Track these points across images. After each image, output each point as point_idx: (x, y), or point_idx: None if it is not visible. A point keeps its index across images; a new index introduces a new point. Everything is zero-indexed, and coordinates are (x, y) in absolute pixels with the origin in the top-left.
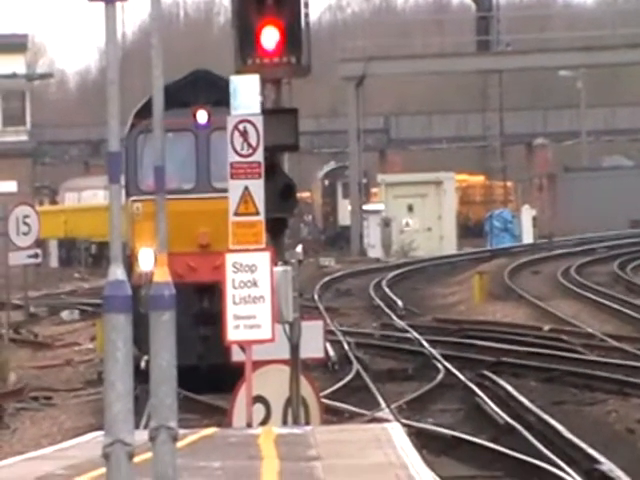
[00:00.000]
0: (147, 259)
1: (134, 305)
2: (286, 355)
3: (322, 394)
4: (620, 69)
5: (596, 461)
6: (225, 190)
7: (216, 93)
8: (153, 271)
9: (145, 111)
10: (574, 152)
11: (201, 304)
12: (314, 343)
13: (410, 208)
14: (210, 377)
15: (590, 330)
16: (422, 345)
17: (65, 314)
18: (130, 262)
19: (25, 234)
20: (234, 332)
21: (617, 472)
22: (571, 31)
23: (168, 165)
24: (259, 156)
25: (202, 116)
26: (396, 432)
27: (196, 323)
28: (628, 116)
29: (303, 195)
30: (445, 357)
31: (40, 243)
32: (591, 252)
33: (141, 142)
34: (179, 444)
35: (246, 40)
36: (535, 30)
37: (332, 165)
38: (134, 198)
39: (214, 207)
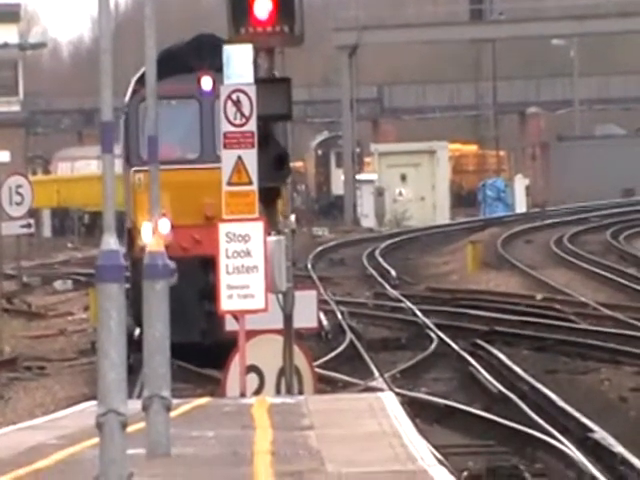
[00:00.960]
0: (149, 231)
1: (136, 278)
2: (279, 325)
3: (316, 364)
4: (613, 38)
5: (589, 429)
6: None
7: (221, 58)
8: None
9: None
10: (567, 121)
11: (206, 278)
12: (307, 313)
13: (403, 178)
14: (214, 354)
15: (583, 299)
16: (415, 314)
17: (58, 284)
18: (132, 235)
19: (18, 204)
20: (227, 302)
21: (610, 440)
22: (564, 0)
23: (171, 134)
24: (252, 126)
25: (207, 82)
26: (389, 401)
27: (201, 298)
28: (621, 85)
29: (296, 165)
30: (438, 326)
31: (33, 213)
32: (584, 221)
33: (143, 110)
34: (172, 413)
35: (239, 9)
36: None
37: (325, 135)
38: (136, 168)
39: (220, 177)
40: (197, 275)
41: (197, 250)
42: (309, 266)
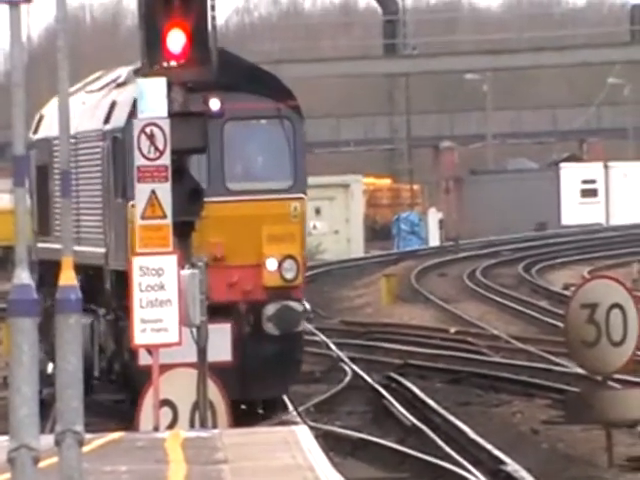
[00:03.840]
0: None
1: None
2: (193, 358)
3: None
4: (525, 72)
5: (501, 462)
6: (243, 192)
7: (231, 75)
8: None
9: None
10: (480, 155)
11: None
12: (221, 346)
13: (317, 211)
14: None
15: (495, 332)
16: (329, 348)
17: None
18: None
19: None
20: (141, 336)
21: (522, 473)
22: (477, 35)
23: None
24: (166, 159)
25: (214, 103)
26: (303, 434)
27: None
28: (533, 119)
29: None
30: (352, 360)
31: None
32: (496, 254)
33: None
34: (85, 448)
35: (153, 43)
36: (442, 33)
37: None
38: (133, 202)
39: (229, 212)
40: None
41: None
42: None
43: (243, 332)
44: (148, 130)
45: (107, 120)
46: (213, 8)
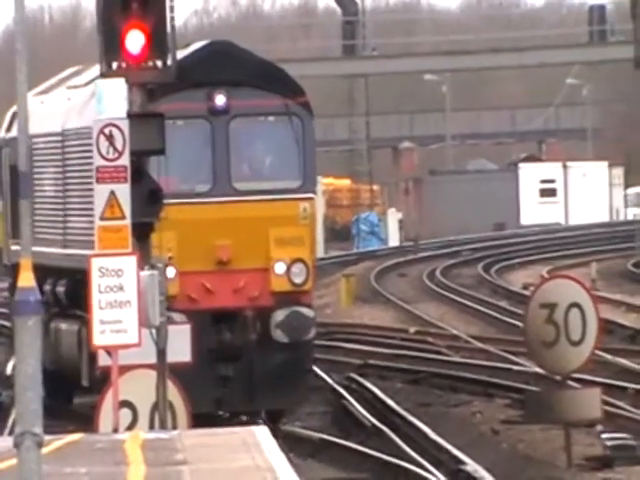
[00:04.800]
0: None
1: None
2: (153, 360)
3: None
4: (484, 73)
5: (461, 462)
6: (250, 192)
7: (237, 70)
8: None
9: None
10: (440, 156)
11: (220, 336)
12: (181, 347)
13: None
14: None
15: (455, 332)
16: None
17: None
18: None
19: None
20: (100, 337)
21: (481, 472)
22: (436, 36)
23: (177, 162)
24: (125, 160)
25: (219, 99)
26: (263, 435)
27: (214, 360)
28: (492, 120)
29: None
30: (312, 360)
31: None
32: (456, 255)
33: None
34: (44, 450)
35: (111, 44)
36: (401, 35)
37: None
38: None
39: (235, 214)
40: (208, 332)
41: (208, 302)
42: None
43: (250, 340)
44: (107, 131)
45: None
46: (172, 9)
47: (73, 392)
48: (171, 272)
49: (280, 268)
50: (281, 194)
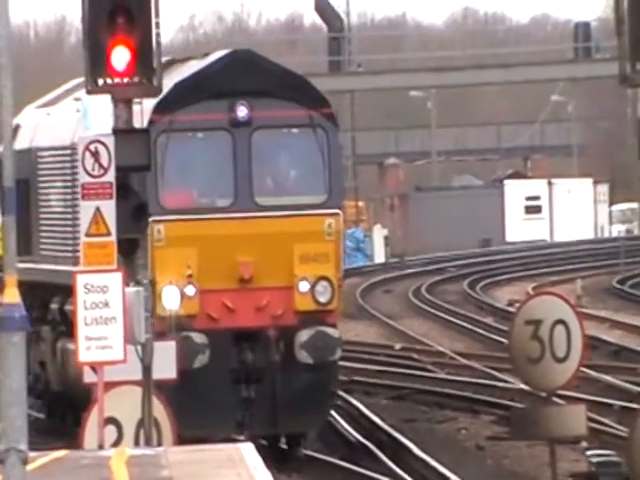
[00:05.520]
0: (172, 297)
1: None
2: (138, 376)
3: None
4: (470, 90)
5: (446, 478)
6: (273, 208)
7: (260, 80)
8: (180, 312)
9: (169, 103)
10: (425, 172)
11: (241, 357)
12: (166, 364)
13: None
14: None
15: (440, 348)
16: None
17: None
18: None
19: None
20: (85, 353)
21: None
22: (422, 52)
23: (197, 175)
24: (110, 176)
25: (241, 110)
26: (248, 452)
27: (235, 382)
28: (477, 136)
29: None
30: None
31: None
32: (442, 271)
33: (162, 144)
34: (29, 467)
35: (97, 60)
36: (386, 51)
37: None
38: (155, 218)
39: (258, 230)
40: (229, 352)
41: (230, 321)
42: None
43: (273, 361)
44: (92, 147)
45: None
46: (158, 25)
47: (81, 413)
48: (191, 290)
49: (304, 286)
50: (306, 209)
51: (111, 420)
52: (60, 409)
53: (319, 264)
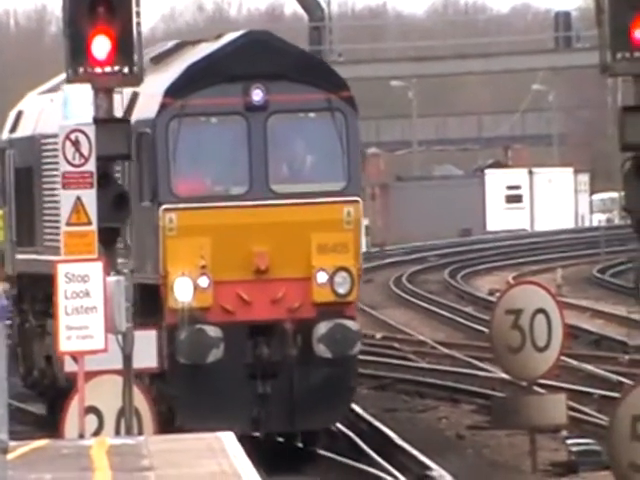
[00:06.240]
0: (185, 288)
1: (170, 352)
2: (119, 365)
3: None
4: (450, 79)
5: (427, 467)
6: (289, 195)
7: (276, 63)
8: (193, 305)
9: (180, 87)
10: (406, 161)
11: (257, 351)
12: (147, 353)
13: None
14: (270, 449)
15: (421, 337)
16: None
17: None
18: (161, 293)
19: None
20: (66, 343)
21: (447, 478)
22: (402, 42)
23: (211, 162)
24: (91, 166)
25: (256, 94)
26: (229, 441)
27: (250, 377)
28: (458, 126)
29: None
30: None
31: None
32: (423, 260)
33: (174, 129)
34: (10, 456)
35: (77, 49)
36: (367, 40)
37: None
38: (167, 206)
39: (274, 218)
40: (245, 346)
41: (245, 314)
42: None
43: (290, 355)
44: (73, 136)
45: (128, 113)
46: (138, 15)
47: None
48: (204, 282)
49: (322, 277)
50: (323, 197)
51: (92, 409)
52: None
53: (338, 254)
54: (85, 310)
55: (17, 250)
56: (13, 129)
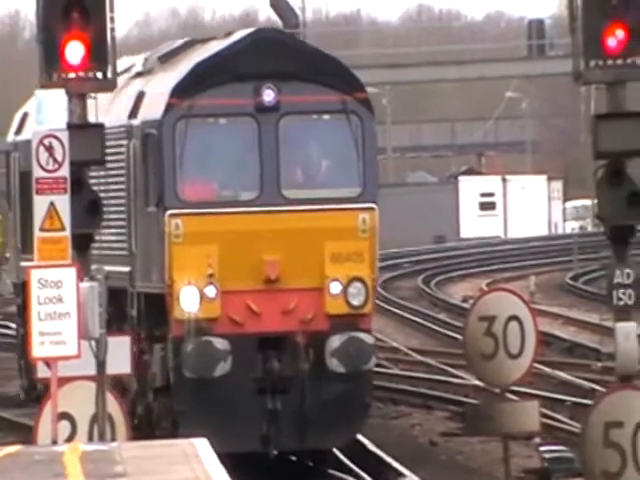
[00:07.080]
0: (191, 298)
1: (175, 365)
2: (92, 371)
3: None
4: (424, 86)
5: (400, 474)
6: (302, 201)
7: (288, 62)
8: (200, 315)
9: (188, 86)
10: (380, 168)
11: (267, 365)
12: (120, 359)
13: None
14: (281, 468)
15: (395, 344)
16: None
17: None
18: (167, 302)
19: None
20: (39, 349)
21: None
22: (377, 48)
23: (219, 165)
24: (65, 171)
25: (267, 94)
26: (203, 447)
27: (260, 392)
28: (432, 133)
29: None
30: None
31: None
32: (396, 267)
33: (181, 130)
34: None
35: (51, 54)
36: (341, 47)
37: None
38: (173, 212)
39: (285, 225)
40: (254, 360)
41: (254, 325)
42: None
43: (301, 369)
44: (47, 142)
45: (133, 114)
46: (112, 20)
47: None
48: (212, 291)
49: (336, 288)
50: (338, 203)
51: (65, 415)
52: None
53: (352, 263)
54: (58, 316)
55: (22, 258)
56: (18, 131)
